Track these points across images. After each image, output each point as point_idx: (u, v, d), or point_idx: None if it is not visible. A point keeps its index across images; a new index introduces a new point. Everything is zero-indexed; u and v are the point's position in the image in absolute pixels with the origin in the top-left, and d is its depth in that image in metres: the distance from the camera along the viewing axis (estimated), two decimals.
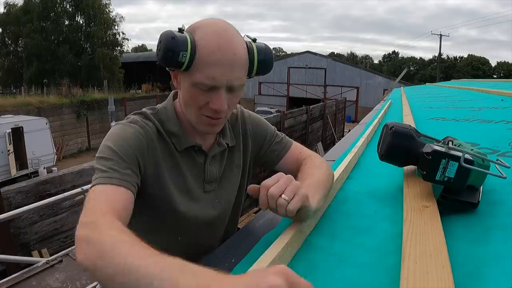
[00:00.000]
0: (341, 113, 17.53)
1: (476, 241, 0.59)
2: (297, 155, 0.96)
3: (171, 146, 0.82)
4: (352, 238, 0.69)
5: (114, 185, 0.68)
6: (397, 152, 0.82)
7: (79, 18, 21.82)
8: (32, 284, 2.35)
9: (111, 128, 0.79)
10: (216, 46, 0.70)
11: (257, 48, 0.77)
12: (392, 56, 62.73)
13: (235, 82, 0.73)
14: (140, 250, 0.50)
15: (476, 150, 0.72)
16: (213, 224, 0.89)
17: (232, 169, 0.92)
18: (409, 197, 0.75)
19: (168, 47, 0.68)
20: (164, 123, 0.82)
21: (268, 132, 0.98)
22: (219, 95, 0.73)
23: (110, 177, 0.68)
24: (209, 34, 0.71)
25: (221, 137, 0.89)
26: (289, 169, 0.94)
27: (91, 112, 15.45)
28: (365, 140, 1.49)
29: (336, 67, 26.59)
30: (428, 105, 3.24)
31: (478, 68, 46.75)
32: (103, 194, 0.66)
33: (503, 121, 1.74)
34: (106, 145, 0.74)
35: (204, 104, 0.74)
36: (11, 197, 3.56)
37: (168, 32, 0.70)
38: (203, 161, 0.86)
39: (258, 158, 0.99)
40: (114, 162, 0.71)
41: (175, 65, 0.70)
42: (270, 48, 0.80)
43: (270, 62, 0.79)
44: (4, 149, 9.38)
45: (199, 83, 0.71)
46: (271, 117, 9.41)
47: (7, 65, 22.34)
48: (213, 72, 0.70)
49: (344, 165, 1.06)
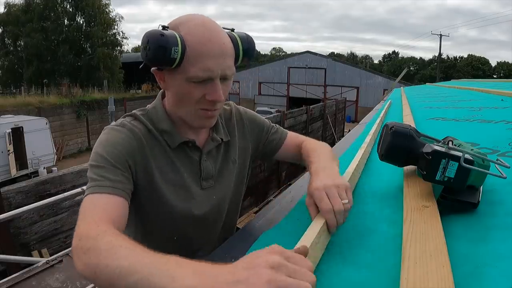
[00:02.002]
0: (341, 113, 17.52)
1: (476, 241, 0.59)
2: (295, 141, 1.02)
3: (164, 144, 0.82)
4: (352, 238, 0.68)
5: (107, 193, 0.68)
6: (397, 152, 0.82)
7: (79, 18, 21.84)
8: (32, 284, 2.35)
9: (101, 134, 0.80)
10: (205, 38, 0.71)
11: (240, 38, 0.79)
12: (392, 56, 62.75)
13: (227, 71, 0.74)
14: (135, 253, 0.50)
15: (476, 150, 0.72)
16: (209, 221, 0.89)
17: (228, 164, 0.92)
18: (409, 197, 0.75)
19: (159, 44, 0.67)
20: (155, 122, 0.82)
21: (264, 125, 1.01)
22: (215, 85, 0.73)
23: (102, 185, 0.69)
24: (195, 27, 0.71)
25: (214, 132, 0.89)
26: (289, 154, 1.02)
27: (91, 112, 15.46)
28: (371, 139, 1.49)
29: (336, 67, 26.59)
30: (428, 105, 3.24)
31: (478, 68, 46.76)
32: (96, 204, 0.67)
33: (503, 121, 1.74)
34: (96, 152, 0.74)
35: (200, 98, 0.75)
36: (11, 197, 3.55)
37: (154, 30, 0.70)
38: (199, 157, 0.86)
39: (258, 151, 1.02)
40: (105, 169, 0.71)
41: (167, 62, 0.69)
42: (251, 36, 0.82)
43: (253, 49, 0.82)
44: (4, 149, 9.39)
45: (194, 76, 0.71)
46: (271, 117, 9.39)
47: (7, 65, 22.33)
48: (207, 63, 0.71)
49: (354, 165, 1.04)
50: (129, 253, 0.50)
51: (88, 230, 0.58)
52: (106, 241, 0.54)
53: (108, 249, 0.52)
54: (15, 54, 22.22)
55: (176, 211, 0.82)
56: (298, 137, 1.04)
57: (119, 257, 0.50)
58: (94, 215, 0.63)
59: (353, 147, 1.61)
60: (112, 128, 0.79)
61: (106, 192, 0.68)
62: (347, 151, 1.53)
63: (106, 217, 0.63)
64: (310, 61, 27.06)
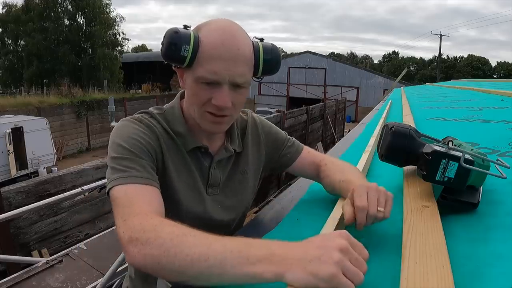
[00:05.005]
0: (341, 113, 17.52)
1: (476, 241, 0.59)
2: (312, 158, 0.98)
3: (179, 145, 0.82)
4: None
5: (141, 184, 0.68)
6: (397, 152, 0.82)
7: (80, 18, 21.81)
8: (32, 284, 2.35)
9: (117, 125, 0.79)
10: (219, 41, 0.70)
11: (263, 47, 0.76)
12: (392, 56, 62.66)
13: (238, 78, 0.72)
14: (202, 239, 0.53)
15: (476, 150, 0.72)
16: (216, 226, 0.89)
17: (235, 174, 0.90)
18: (409, 197, 0.75)
19: (171, 41, 0.70)
20: (170, 123, 0.82)
21: (280, 137, 0.99)
22: (221, 91, 0.72)
23: (133, 176, 0.68)
24: (213, 30, 0.72)
25: (229, 142, 0.88)
26: (304, 171, 0.99)
27: (91, 112, 15.43)
28: (375, 142, 1.48)
29: (336, 67, 26.58)
30: (428, 105, 3.24)
31: (478, 68, 46.77)
32: (134, 195, 0.66)
33: (503, 121, 1.74)
34: (118, 144, 0.73)
35: (206, 101, 0.74)
36: (11, 197, 3.55)
37: (172, 28, 0.72)
38: (209, 164, 0.85)
39: (271, 163, 0.99)
40: (131, 160, 0.70)
41: (178, 59, 0.71)
42: (277, 48, 0.80)
43: (277, 62, 0.79)
44: (4, 149, 9.38)
45: (201, 77, 0.71)
46: (271, 117, 9.40)
47: (7, 65, 22.32)
48: (215, 66, 0.70)
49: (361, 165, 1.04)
50: (196, 240, 0.52)
51: (141, 221, 0.58)
52: (168, 231, 0.55)
53: (173, 239, 0.53)
54: (15, 54, 22.21)
55: (188, 211, 0.81)
56: (315, 155, 0.99)
57: (188, 245, 0.51)
58: (139, 206, 0.63)
59: (353, 147, 1.61)
60: (130, 121, 0.78)
61: (139, 182, 0.68)
62: (347, 151, 1.53)
63: (151, 208, 0.63)
64: (310, 61, 27.04)
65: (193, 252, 0.50)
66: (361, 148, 1.32)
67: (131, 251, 0.55)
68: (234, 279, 0.49)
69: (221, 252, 0.49)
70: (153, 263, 0.53)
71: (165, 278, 0.55)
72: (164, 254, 0.52)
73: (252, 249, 0.49)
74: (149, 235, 0.55)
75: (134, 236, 0.56)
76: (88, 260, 2.66)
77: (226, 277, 0.49)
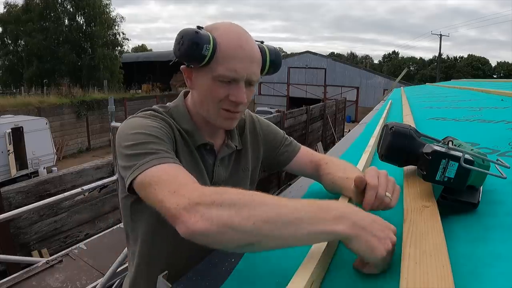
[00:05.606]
0: (341, 113, 17.52)
1: (476, 241, 0.59)
2: (310, 157, 0.99)
3: (188, 142, 0.83)
4: None
5: (175, 163, 0.67)
6: (397, 152, 0.81)
7: (80, 18, 21.81)
8: (32, 284, 2.35)
9: (127, 121, 0.78)
10: (237, 43, 0.75)
11: (268, 49, 0.84)
12: (392, 56, 62.69)
13: (253, 77, 0.78)
14: (272, 198, 0.54)
15: (476, 150, 0.72)
16: None
17: (238, 172, 0.93)
18: (409, 197, 0.75)
19: (193, 41, 0.71)
20: (177, 121, 0.83)
21: (278, 136, 1.01)
22: (239, 87, 0.76)
23: (163, 157, 0.67)
24: (230, 33, 0.76)
25: (229, 139, 0.90)
26: (303, 169, 1.00)
27: (91, 112, 15.43)
28: (375, 142, 1.48)
29: (336, 67, 26.58)
30: (428, 105, 3.24)
31: (478, 68, 46.79)
32: (175, 171, 0.64)
33: (503, 121, 1.74)
34: (135, 132, 0.72)
35: (224, 97, 0.77)
36: (11, 197, 3.56)
37: (189, 28, 0.74)
38: (213, 162, 0.87)
39: (269, 161, 1.01)
40: (157, 144, 0.70)
41: (197, 58, 0.72)
42: (279, 50, 0.87)
43: (280, 62, 0.87)
44: (4, 149, 9.37)
45: (221, 75, 0.75)
46: (271, 117, 9.40)
47: (7, 65, 22.31)
48: (235, 65, 0.74)
49: (361, 165, 1.04)
50: (267, 200, 0.54)
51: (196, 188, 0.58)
52: (234, 192, 0.55)
53: (242, 198, 0.53)
54: (15, 54, 22.19)
55: None
56: (313, 154, 1.01)
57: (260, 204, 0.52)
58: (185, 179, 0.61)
59: (353, 147, 1.62)
60: (141, 116, 0.79)
61: (176, 162, 0.67)
62: (347, 151, 1.53)
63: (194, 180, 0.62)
64: (310, 61, 27.05)
65: (268, 210, 0.51)
66: (361, 148, 1.31)
67: (190, 219, 0.52)
68: (306, 238, 0.51)
69: (298, 210, 0.51)
70: (222, 225, 0.51)
71: (229, 243, 0.53)
72: (235, 214, 0.50)
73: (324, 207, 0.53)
74: (214, 197, 0.53)
75: (193, 202, 0.54)
76: (88, 260, 2.67)
77: (300, 234, 0.50)
